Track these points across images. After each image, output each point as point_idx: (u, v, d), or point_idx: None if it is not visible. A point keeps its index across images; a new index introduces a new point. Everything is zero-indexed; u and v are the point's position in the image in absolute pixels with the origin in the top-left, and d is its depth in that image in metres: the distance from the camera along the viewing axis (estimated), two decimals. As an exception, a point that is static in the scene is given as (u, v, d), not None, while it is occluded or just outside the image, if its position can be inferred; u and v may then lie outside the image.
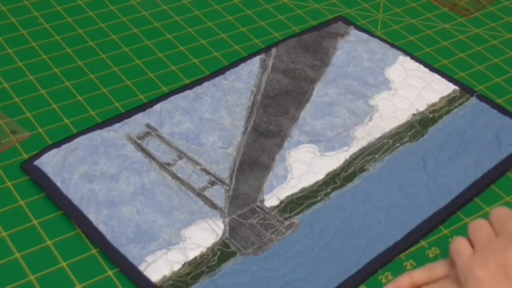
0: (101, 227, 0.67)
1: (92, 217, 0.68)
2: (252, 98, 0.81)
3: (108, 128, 0.76)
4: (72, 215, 0.68)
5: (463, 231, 0.70)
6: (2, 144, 0.75)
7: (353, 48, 0.89)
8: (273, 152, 0.76)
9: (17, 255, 0.65)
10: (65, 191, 0.70)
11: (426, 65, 0.88)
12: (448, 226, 0.70)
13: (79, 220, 0.68)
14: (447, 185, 0.73)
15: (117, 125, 0.77)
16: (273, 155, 0.76)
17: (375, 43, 0.90)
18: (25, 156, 0.74)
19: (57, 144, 0.74)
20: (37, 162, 0.72)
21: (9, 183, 0.71)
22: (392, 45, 0.90)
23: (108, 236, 0.67)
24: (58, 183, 0.71)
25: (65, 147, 0.74)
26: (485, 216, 0.71)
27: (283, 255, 0.66)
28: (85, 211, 0.68)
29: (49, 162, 0.72)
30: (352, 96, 0.83)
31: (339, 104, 0.82)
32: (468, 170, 0.75)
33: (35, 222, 0.68)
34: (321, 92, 0.83)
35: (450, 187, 0.73)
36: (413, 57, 0.89)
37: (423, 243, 0.68)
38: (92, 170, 0.72)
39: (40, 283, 0.63)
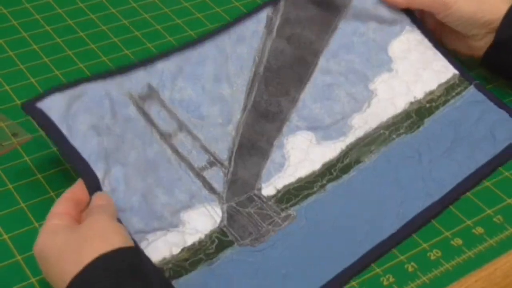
0: (106, 188, 0.66)
1: (100, 174, 0.66)
2: (253, 69, 0.79)
3: (110, 79, 0.72)
4: (79, 168, 0.66)
5: (459, 229, 0.70)
6: (3, 147, 0.75)
7: (364, 11, 0.85)
8: (272, 137, 0.75)
9: (19, 257, 0.65)
10: (72, 141, 0.67)
11: (431, 39, 0.86)
12: (444, 224, 0.70)
13: (86, 175, 0.65)
14: (442, 179, 0.74)
15: (118, 78, 0.73)
16: (271, 140, 0.75)
17: (385, 10, 0.86)
18: (27, 158, 0.74)
19: (60, 88, 0.70)
20: (40, 105, 0.68)
21: (10, 186, 0.71)
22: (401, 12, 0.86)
23: (113, 199, 0.65)
24: (64, 131, 0.67)
25: (69, 92, 0.69)
26: (479, 210, 0.71)
27: (279, 247, 0.67)
28: (93, 166, 0.66)
29: (52, 107, 0.68)
30: (353, 77, 0.81)
31: (340, 87, 0.80)
32: (462, 165, 0.75)
33: (36, 224, 0.68)
34: (323, 69, 0.81)
35: (444, 181, 0.73)
36: (420, 27, 0.86)
37: (424, 245, 0.68)
38: (100, 124, 0.69)
39: (41, 285, 0.63)
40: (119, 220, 0.63)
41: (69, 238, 0.59)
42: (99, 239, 0.58)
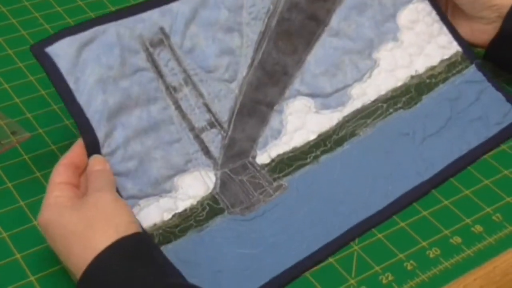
0: (105, 150, 0.65)
1: (101, 136, 0.65)
2: (266, 20, 0.77)
3: (122, 21, 0.70)
4: (81, 127, 0.65)
5: (458, 228, 0.70)
6: (2, 145, 0.75)
7: None
8: (274, 100, 0.75)
9: (18, 255, 0.65)
10: (78, 96, 0.66)
11: (439, 12, 0.85)
12: (443, 222, 0.70)
13: (87, 136, 0.65)
14: (432, 159, 0.74)
15: (131, 20, 0.70)
16: (272, 103, 0.75)
17: None
18: (26, 157, 0.74)
19: (72, 31, 0.67)
20: (49, 50, 0.66)
21: (9, 184, 0.71)
22: None
23: (111, 163, 0.65)
24: (71, 84, 0.66)
25: (80, 36, 0.67)
26: (478, 208, 0.71)
27: (269, 217, 0.68)
28: (95, 127, 0.65)
29: (61, 54, 0.66)
30: (360, 42, 0.81)
31: (345, 52, 0.80)
32: (454, 144, 0.76)
33: (35, 223, 0.68)
34: (333, 30, 0.80)
35: (434, 162, 0.74)
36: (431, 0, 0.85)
37: (423, 243, 0.68)
38: (107, 76, 0.67)
39: (40, 283, 0.63)
40: (117, 189, 0.64)
41: (73, 219, 0.59)
42: (104, 223, 0.58)
